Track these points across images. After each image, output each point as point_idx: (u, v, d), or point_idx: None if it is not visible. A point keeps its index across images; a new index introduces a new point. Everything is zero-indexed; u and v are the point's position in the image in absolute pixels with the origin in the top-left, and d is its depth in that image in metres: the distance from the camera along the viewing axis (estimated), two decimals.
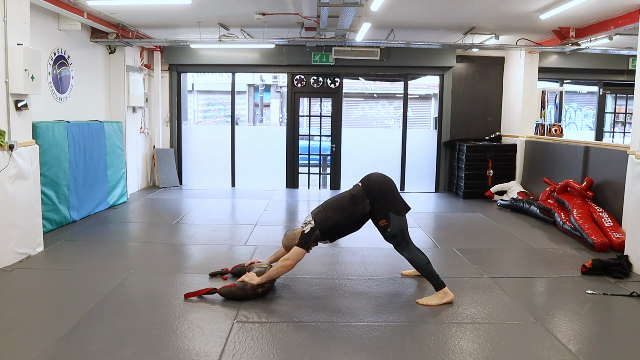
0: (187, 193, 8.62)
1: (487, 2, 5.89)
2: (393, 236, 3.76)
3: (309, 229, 3.69)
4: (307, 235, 3.68)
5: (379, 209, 3.75)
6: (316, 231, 3.69)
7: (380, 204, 3.75)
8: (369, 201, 3.75)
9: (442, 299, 3.67)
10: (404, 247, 3.78)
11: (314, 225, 3.70)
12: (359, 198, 3.77)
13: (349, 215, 3.75)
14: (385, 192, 3.78)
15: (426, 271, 3.76)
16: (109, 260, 4.66)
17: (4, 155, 4.25)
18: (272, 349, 2.95)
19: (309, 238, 3.67)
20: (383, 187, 3.79)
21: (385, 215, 3.73)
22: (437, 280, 3.74)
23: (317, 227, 3.70)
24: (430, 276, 3.76)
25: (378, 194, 3.75)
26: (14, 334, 3.07)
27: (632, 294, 3.92)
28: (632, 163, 4.74)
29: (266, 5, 6.22)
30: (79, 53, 7.00)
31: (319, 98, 9.44)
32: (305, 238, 3.68)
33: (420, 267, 3.77)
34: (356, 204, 3.75)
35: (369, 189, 3.78)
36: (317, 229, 3.69)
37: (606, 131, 10.61)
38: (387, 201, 3.76)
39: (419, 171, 9.48)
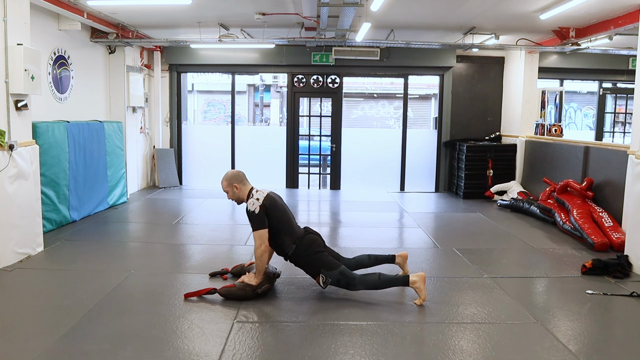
0: (187, 193, 8.62)
1: (487, 2, 5.89)
2: (337, 282, 3.70)
3: (257, 208, 3.64)
4: (259, 215, 3.65)
5: (307, 267, 3.77)
6: (264, 208, 3.65)
7: (307, 262, 3.76)
8: (294, 248, 3.76)
9: (421, 287, 3.62)
10: (354, 283, 3.69)
11: (262, 203, 3.66)
12: (294, 233, 3.80)
13: (287, 226, 3.77)
14: (311, 249, 3.77)
15: (386, 283, 3.71)
16: (109, 260, 4.66)
17: (4, 155, 4.25)
18: (272, 349, 2.95)
19: (261, 218, 3.65)
20: (310, 247, 3.78)
21: (317, 273, 3.72)
22: (399, 280, 3.70)
23: (265, 204, 3.67)
24: (393, 283, 3.71)
25: (304, 249, 3.76)
26: (14, 334, 3.08)
27: (632, 294, 3.92)
28: (632, 163, 4.74)
29: (266, 5, 6.22)
30: (79, 53, 7.00)
31: (319, 98, 9.44)
32: (257, 219, 3.65)
33: (379, 285, 3.71)
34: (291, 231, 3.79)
35: (301, 240, 3.79)
36: (264, 207, 3.66)
37: (606, 131, 10.61)
38: (313, 261, 3.74)
39: (419, 171, 9.48)
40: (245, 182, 3.85)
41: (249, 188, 3.81)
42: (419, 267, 4.60)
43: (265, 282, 3.75)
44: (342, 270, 3.69)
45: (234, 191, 3.81)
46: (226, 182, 3.83)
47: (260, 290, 3.70)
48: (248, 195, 3.76)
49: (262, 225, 3.66)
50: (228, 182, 3.82)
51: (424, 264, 4.74)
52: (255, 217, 3.66)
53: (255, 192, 3.75)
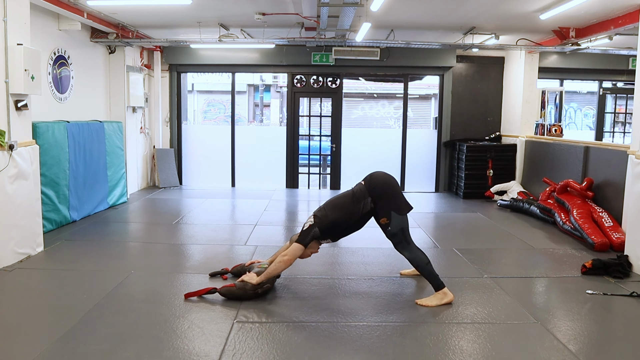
0: (187, 193, 8.62)
1: (487, 2, 5.89)
2: (394, 235, 3.75)
3: (307, 226, 3.72)
4: (306, 231, 3.71)
5: (380, 207, 3.75)
6: (315, 228, 3.70)
7: (382, 202, 3.75)
8: (370, 199, 3.75)
9: (442, 300, 3.67)
10: (404, 246, 3.78)
11: (313, 223, 3.72)
12: (360, 196, 3.77)
13: (349, 213, 3.75)
14: (387, 190, 3.78)
15: (426, 271, 3.75)
16: (109, 260, 4.66)
17: (4, 155, 4.25)
18: (272, 349, 2.95)
19: (307, 234, 3.70)
20: (385, 186, 3.80)
21: (387, 213, 3.73)
22: (437, 280, 3.74)
23: (317, 224, 3.71)
24: (430, 276, 3.75)
25: (380, 192, 3.76)
26: (14, 334, 3.08)
27: (632, 294, 3.92)
28: (632, 163, 4.74)
29: (266, 5, 6.22)
30: (79, 53, 7.00)
31: (319, 98, 9.44)
32: (303, 234, 3.71)
33: (420, 267, 3.76)
34: (357, 202, 3.75)
35: (371, 186, 3.79)
36: (315, 227, 3.71)
37: (606, 131, 10.61)
38: (389, 199, 3.76)
39: (419, 171, 9.48)
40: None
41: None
42: None
43: (265, 282, 3.75)
44: (406, 227, 3.78)
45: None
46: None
47: (260, 290, 3.70)
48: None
49: (303, 241, 3.69)
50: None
51: None
52: (302, 232, 3.74)
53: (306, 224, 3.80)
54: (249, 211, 7.06)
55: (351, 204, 3.76)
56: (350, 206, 3.76)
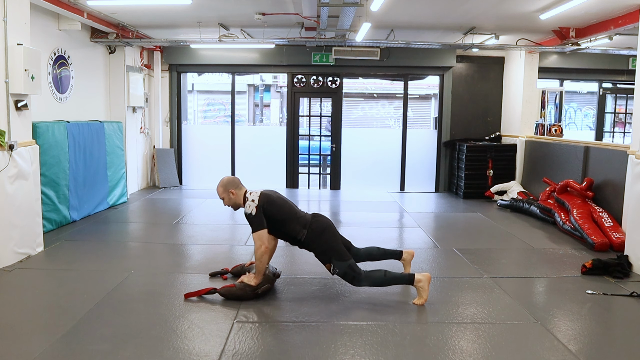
0: (187, 193, 8.62)
1: (487, 2, 5.88)
2: (343, 275, 3.68)
3: (254, 210, 3.63)
4: (256, 216, 3.63)
5: (318, 252, 3.75)
6: (261, 209, 3.64)
7: (319, 247, 3.73)
8: (306, 233, 3.73)
9: (425, 287, 3.64)
10: (359, 279, 3.68)
11: (258, 204, 3.65)
12: (302, 221, 3.76)
13: (289, 218, 3.73)
14: (324, 234, 3.75)
15: (391, 281, 3.72)
16: (109, 260, 4.66)
17: (4, 155, 4.25)
18: (272, 349, 2.95)
19: (258, 217, 3.63)
20: (325, 230, 3.77)
21: (327, 260, 3.71)
22: (404, 278, 3.70)
23: (261, 205, 3.65)
24: (397, 281, 3.73)
25: (318, 233, 3.74)
26: (14, 334, 3.07)
27: (632, 294, 3.92)
28: (632, 163, 4.74)
29: (266, 5, 6.22)
30: (79, 53, 7.00)
31: (319, 98, 9.44)
32: (255, 220, 3.64)
33: (384, 282, 3.71)
34: (297, 219, 3.75)
35: (312, 224, 3.77)
36: (261, 208, 3.64)
37: (606, 131, 10.61)
38: (327, 246, 3.72)
39: (419, 171, 9.48)
40: (241, 186, 3.83)
41: (243, 192, 3.79)
42: (419, 267, 4.60)
43: (265, 282, 3.75)
44: (351, 264, 3.68)
45: (230, 197, 3.79)
46: (222, 189, 3.81)
47: (260, 290, 3.70)
48: (244, 199, 3.75)
49: (261, 226, 3.65)
50: (224, 188, 3.80)
51: (424, 264, 4.74)
52: (253, 218, 3.66)
53: (250, 195, 3.73)
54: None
55: (295, 215, 3.76)
56: (293, 215, 3.76)
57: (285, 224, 3.74)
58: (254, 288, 3.67)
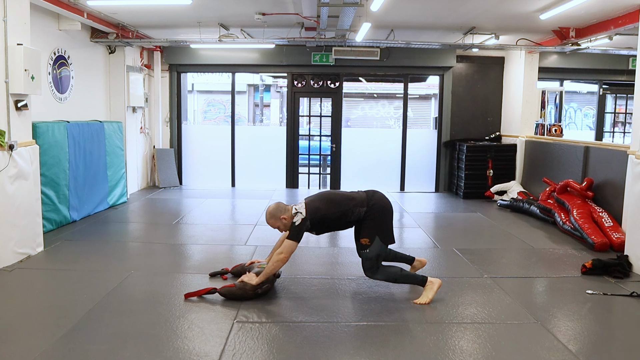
0: (187, 193, 8.62)
1: (487, 2, 5.89)
2: (368, 259, 3.69)
3: (299, 220, 3.60)
4: (298, 227, 3.60)
5: (368, 226, 3.71)
6: (307, 222, 3.62)
7: (373, 222, 3.70)
8: (365, 210, 3.70)
9: (433, 289, 3.69)
10: (374, 271, 3.71)
11: (305, 216, 3.62)
12: (358, 202, 3.72)
13: (342, 212, 3.69)
14: (384, 214, 3.75)
15: (405, 279, 3.76)
16: (109, 260, 4.66)
17: (4, 155, 4.25)
18: (272, 349, 2.95)
19: (299, 230, 3.60)
20: (384, 209, 3.77)
21: (371, 235, 3.68)
22: (417, 279, 3.75)
23: (308, 217, 3.63)
24: (410, 280, 3.76)
25: (377, 211, 3.72)
26: (14, 334, 3.08)
27: (632, 294, 3.92)
28: (632, 163, 4.74)
29: (266, 5, 6.22)
30: (79, 53, 7.00)
31: (319, 98, 9.44)
32: (296, 230, 3.60)
33: (398, 279, 3.76)
34: (352, 205, 3.70)
35: (371, 200, 3.74)
36: (307, 220, 3.62)
37: (606, 131, 10.61)
38: (380, 224, 3.72)
39: (419, 171, 9.48)
40: (287, 207, 3.73)
41: (290, 210, 3.70)
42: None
43: (265, 282, 3.75)
44: (381, 254, 3.71)
45: (284, 222, 3.69)
46: (273, 220, 3.70)
47: (260, 290, 3.70)
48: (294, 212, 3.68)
49: (296, 238, 3.60)
50: (275, 219, 3.69)
51: None
52: (294, 227, 3.61)
53: (298, 207, 3.67)
54: (249, 211, 7.05)
55: (347, 205, 3.70)
56: (345, 206, 3.70)
57: (347, 214, 3.69)
58: (254, 288, 3.66)
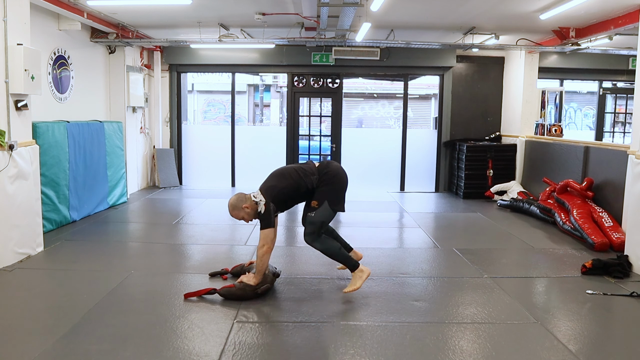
0: (187, 193, 8.62)
1: (487, 2, 5.89)
2: (312, 222, 3.75)
3: (263, 207, 3.65)
4: (266, 213, 3.64)
5: (320, 191, 3.78)
6: (270, 205, 3.66)
7: (325, 188, 3.78)
8: (317, 178, 3.77)
9: (362, 278, 3.76)
10: (315, 238, 3.77)
11: (266, 201, 3.67)
12: (309, 172, 3.79)
13: (295, 183, 3.75)
14: (335, 181, 3.84)
15: (341, 257, 3.82)
16: (109, 260, 4.66)
17: (4, 155, 4.25)
18: (272, 349, 2.95)
19: (268, 216, 3.64)
20: (337, 177, 3.85)
21: (321, 199, 3.75)
22: (351, 262, 3.81)
23: (269, 200, 3.67)
24: (346, 261, 3.82)
25: (329, 178, 3.80)
26: (14, 334, 3.08)
27: (632, 294, 3.92)
28: (632, 163, 4.74)
29: (266, 5, 6.22)
30: (79, 53, 7.00)
31: (319, 98, 9.44)
32: (265, 218, 3.65)
33: (334, 255, 3.81)
34: (304, 176, 3.76)
35: (324, 170, 3.82)
36: (270, 203, 3.66)
37: (606, 131, 10.61)
38: (332, 190, 3.80)
39: (419, 171, 9.47)
40: (247, 196, 3.77)
41: (251, 198, 3.74)
42: (418, 267, 4.61)
43: (265, 282, 3.75)
44: (325, 222, 3.79)
45: (247, 212, 3.72)
46: (235, 211, 3.73)
47: (260, 290, 3.70)
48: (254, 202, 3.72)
49: (268, 224, 3.65)
50: (237, 210, 3.73)
51: (424, 264, 4.74)
52: (262, 216, 3.66)
53: (254, 197, 3.72)
54: None
55: (297, 175, 3.77)
56: (296, 177, 3.76)
57: (300, 185, 3.75)
58: (254, 288, 3.67)
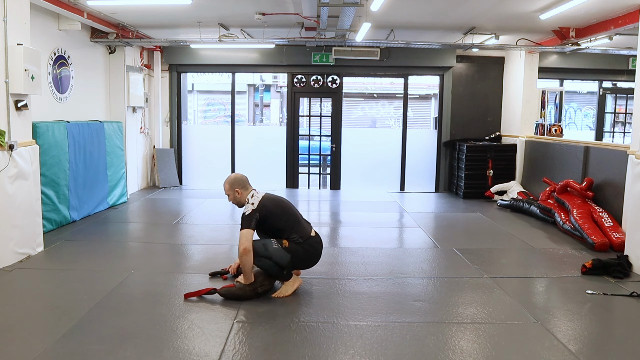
0: (187, 193, 8.62)
1: (487, 2, 5.88)
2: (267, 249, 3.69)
3: (249, 211, 3.66)
4: (248, 216, 3.65)
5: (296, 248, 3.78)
6: (256, 214, 3.67)
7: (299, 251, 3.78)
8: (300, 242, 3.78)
9: (293, 286, 3.81)
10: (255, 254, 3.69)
11: (255, 209, 3.68)
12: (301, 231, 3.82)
13: (284, 228, 3.75)
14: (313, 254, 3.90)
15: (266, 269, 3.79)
16: (109, 260, 4.66)
17: (4, 155, 4.25)
18: (272, 349, 2.94)
19: (249, 219, 3.65)
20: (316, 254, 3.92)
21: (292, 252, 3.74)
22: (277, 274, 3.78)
23: (257, 211, 3.67)
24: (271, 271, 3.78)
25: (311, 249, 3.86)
26: (14, 334, 3.08)
27: (632, 294, 3.92)
28: (632, 163, 4.74)
29: (266, 5, 6.22)
30: (79, 53, 7.00)
31: (319, 98, 9.44)
32: (246, 219, 3.66)
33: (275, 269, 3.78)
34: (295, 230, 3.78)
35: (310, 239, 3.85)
36: (257, 213, 3.67)
37: (606, 131, 10.61)
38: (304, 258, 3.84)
39: (419, 171, 9.48)
40: (247, 186, 3.84)
41: (249, 192, 3.80)
42: (419, 267, 4.61)
43: (265, 282, 3.75)
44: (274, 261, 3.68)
45: (235, 196, 3.81)
46: (228, 186, 3.84)
47: (260, 290, 3.70)
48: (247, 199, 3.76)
49: (248, 225, 3.65)
50: (230, 186, 3.83)
51: (424, 264, 4.74)
52: (244, 217, 3.68)
53: (251, 197, 3.74)
54: None
55: (293, 226, 3.79)
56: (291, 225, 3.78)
57: (284, 232, 3.75)
58: (253, 288, 3.67)
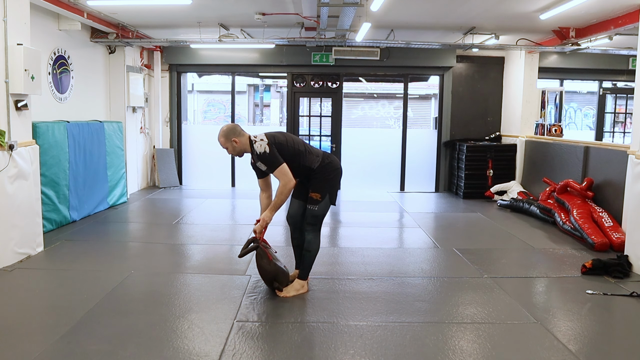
0: (187, 193, 8.62)
1: (487, 2, 5.89)
2: (316, 216, 3.75)
3: (266, 147, 3.56)
4: (270, 153, 3.55)
5: (321, 182, 3.73)
6: (273, 146, 3.58)
7: (325, 179, 3.74)
8: (319, 162, 3.73)
9: (298, 290, 3.81)
10: (316, 230, 3.80)
11: (268, 142, 3.58)
12: (314, 152, 3.79)
13: (297, 151, 3.68)
14: (337, 175, 3.82)
15: (311, 259, 3.84)
16: (109, 260, 4.66)
17: (4, 155, 4.25)
18: (272, 349, 2.95)
19: (273, 155, 3.55)
20: (338, 171, 3.84)
21: (323, 193, 3.73)
22: (308, 271, 3.86)
23: (271, 144, 3.59)
24: (309, 265, 3.85)
25: (331, 170, 3.77)
26: (14, 334, 3.07)
27: (632, 294, 3.92)
28: (632, 163, 4.74)
29: (266, 5, 6.22)
30: (79, 53, 7.00)
31: (319, 98, 9.44)
32: (270, 157, 3.55)
33: (310, 252, 3.81)
34: (307, 151, 3.73)
35: (327, 158, 3.81)
36: (272, 145, 3.58)
37: (606, 131, 10.61)
38: (333, 184, 3.80)
39: (419, 171, 9.47)
40: (243, 133, 3.70)
41: (247, 138, 3.68)
42: (419, 267, 4.61)
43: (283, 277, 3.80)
44: (324, 215, 3.80)
45: (234, 145, 3.66)
46: (224, 138, 3.66)
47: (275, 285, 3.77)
48: (250, 143, 3.65)
49: (277, 159, 3.54)
50: (226, 138, 3.65)
51: (424, 264, 4.74)
52: (268, 156, 3.55)
53: (254, 137, 3.65)
54: (249, 211, 7.04)
55: (304, 147, 3.74)
56: (301, 147, 3.72)
57: (301, 156, 3.70)
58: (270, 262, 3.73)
